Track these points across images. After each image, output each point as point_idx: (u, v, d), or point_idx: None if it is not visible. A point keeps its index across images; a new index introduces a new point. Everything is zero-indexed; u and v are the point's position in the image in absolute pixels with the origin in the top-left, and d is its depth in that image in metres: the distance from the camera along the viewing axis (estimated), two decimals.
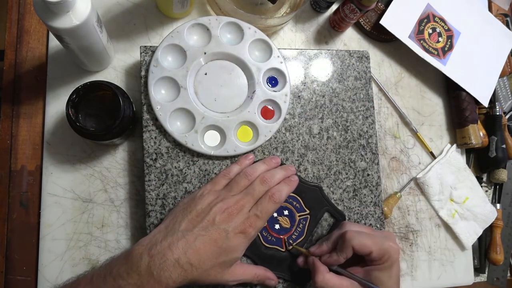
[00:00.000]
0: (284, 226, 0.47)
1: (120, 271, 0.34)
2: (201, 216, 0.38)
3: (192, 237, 0.37)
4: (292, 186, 0.44)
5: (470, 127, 0.61)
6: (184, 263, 0.35)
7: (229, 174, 0.44)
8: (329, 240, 0.44)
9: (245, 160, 0.46)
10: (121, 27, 0.51)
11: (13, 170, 0.47)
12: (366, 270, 0.41)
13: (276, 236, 0.47)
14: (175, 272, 0.35)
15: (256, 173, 0.43)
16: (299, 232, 0.48)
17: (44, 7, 0.35)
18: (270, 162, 0.46)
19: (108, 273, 0.35)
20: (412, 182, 0.61)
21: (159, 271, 0.34)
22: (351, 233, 0.41)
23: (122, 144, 0.49)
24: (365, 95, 0.54)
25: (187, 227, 0.38)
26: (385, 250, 0.40)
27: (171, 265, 0.35)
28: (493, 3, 0.72)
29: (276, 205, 0.41)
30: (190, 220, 0.38)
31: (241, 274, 0.40)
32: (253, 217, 0.39)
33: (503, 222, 0.64)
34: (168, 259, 0.35)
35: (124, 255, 0.36)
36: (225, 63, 0.48)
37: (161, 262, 0.35)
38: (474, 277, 0.63)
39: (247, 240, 0.39)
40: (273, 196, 0.40)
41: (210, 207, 0.39)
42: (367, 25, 0.60)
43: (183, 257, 0.35)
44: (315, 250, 0.44)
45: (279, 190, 0.41)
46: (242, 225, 0.38)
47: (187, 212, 0.39)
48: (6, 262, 0.45)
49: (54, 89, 0.48)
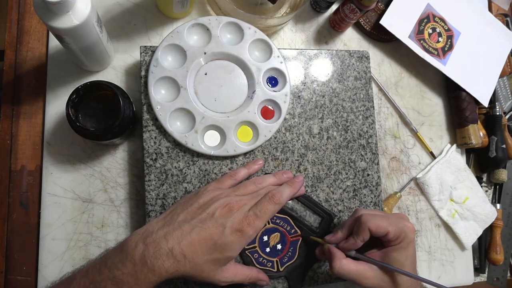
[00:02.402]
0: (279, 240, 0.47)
1: (115, 261, 0.34)
2: (202, 209, 0.38)
3: (189, 228, 0.36)
4: (295, 187, 0.43)
5: (470, 127, 0.61)
6: (177, 253, 0.35)
7: (235, 175, 0.44)
8: (344, 226, 0.43)
9: (253, 165, 0.46)
10: (121, 27, 0.51)
11: (13, 170, 0.47)
12: (383, 252, 0.41)
13: (288, 247, 0.47)
14: (168, 261, 0.34)
15: (265, 184, 0.43)
16: (284, 222, 0.47)
17: (44, 7, 0.35)
18: (280, 177, 0.46)
19: (103, 265, 0.34)
20: (412, 182, 0.61)
21: (152, 259, 0.34)
22: (367, 216, 0.41)
23: (122, 144, 0.49)
24: (365, 95, 0.54)
25: (185, 218, 0.38)
26: (401, 230, 0.40)
27: (164, 254, 0.34)
28: (493, 3, 0.72)
29: (276, 206, 0.40)
30: (189, 212, 0.38)
31: (234, 275, 0.39)
32: (252, 216, 0.38)
33: (503, 222, 0.64)
34: (162, 248, 0.34)
35: (119, 246, 0.36)
36: (225, 63, 0.48)
37: (155, 251, 0.34)
38: (474, 277, 0.63)
39: (243, 239, 0.38)
40: (273, 196, 0.40)
41: (212, 201, 0.39)
42: (367, 25, 0.60)
43: (177, 247, 0.35)
44: (330, 238, 0.44)
45: (280, 191, 0.41)
46: (240, 222, 0.38)
47: (188, 205, 0.39)
48: (6, 262, 0.45)
49: (54, 89, 0.48)
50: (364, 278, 0.40)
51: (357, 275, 0.40)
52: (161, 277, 0.34)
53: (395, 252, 0.40)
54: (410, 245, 0.41)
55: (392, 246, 0.40)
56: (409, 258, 0.41)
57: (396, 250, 0.40)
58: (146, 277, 0.34)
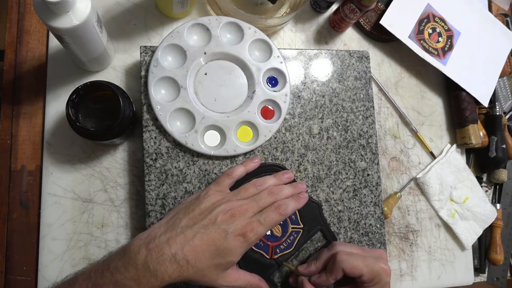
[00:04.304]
0: (275, 234, 0.47)
1: (118, 265, 0.34)
2: (204, 214, 0.38)
3: (191, 233, 0.36)
4: (300, 203, 0.43)
5: (470, 127, 0.61)
6: (180, 258, 0.35)
7: (232, 174, 0.44)
8: (319, 260, 0.44)
9: (250, 163, 0.46)
10: (121, 27, 0.51)
11: (13, 170, 0.47)
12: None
13: (265, 242, 0.47)
14: (171, 267, 0.35)
15: (266, 185, 0.43)
16: (288, 243, 0.47)
17: (44, 7, 0.35)
18: (281, 178, 0.46)
19: (106, 268, 0.35)
20: (412, 182, 0.61)
21: (155, 265, 0.34)
22: (342, 255, 0.41)
23: (122, 144, 0.49)
24: (365, 95, 0.54)
25: (188, 223, 0.38)
26: (376, 273, 0.40)
27: (167, 259, 0.35)
28: (493, 3, 0.72)
29: (280, 217, 0.40)
30: (191, 218, 0.38)
31: (235, 280, 0.39)
32: (256, 222, 0.39)
33: (503, 222, 0.64)
34: (165, 253, 0.35)
35: (122, 249, 0.36)
36: (225, 63, 0.48)
37: (158, 256, 0.34)
38: (474, 277, 0.63)
39: (246, 244, 0.38)
40: (279, 207, 0.40)
41: (214, 207, 0.39)
42: (367, 25, 0.60)
43: (180, 252, 0.35)
44: (303, 270, 0.44)
45: (286, 203, 0.41)
46: (243, 228, 0.38)
47: (190, 209, 0.39)
48: (6, 262, 0.45)
49: (54, 89, 0.48)
50: None
51: None
52: (164, 282, 0.34)
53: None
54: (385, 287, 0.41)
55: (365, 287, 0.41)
56: None
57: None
58: (149, 282, 0.34)
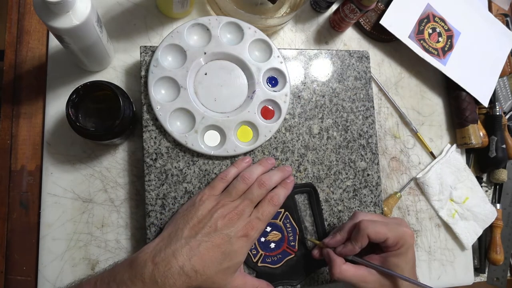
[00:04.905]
0: (277, 240, 0.47)
1: (124, 278, 0.35)
2: (203, 223, 0.39)
3: (196, 243, 0.37)
4: (289, 188, 0.45)
5: (470, 127, 0.61)
6: (188, 270, 0.35)
7: (226, 177, 0.44)
8: (343, 230, 0.44)
9: (242, 163, 0.46)
10: (121, 27, 0.51)
11: (13, 170, 0.47)
12: (383, 257, 0.41)
13: (279, 253, 0.47)
14: (180, 279, 0.35)
15: (253, 176, 0.44)
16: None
17: (44, 7, 0.35)
18: (266, 164, 0.46)
19: (112, 279, 0.35)
20: (412, 182, 0.61)
21: (163, 278, 0.34)
22: (366, 222, 0.41)
23: (122, 144, 0.49)
24: (365, 95, 0.54)
25: (190, 233, 0.38)
26: (400, 236, 0.40)
27: (176, 272, 0.35)
28: (493, 3, 0.72)
29: (275, 207, 0.42)
30: (192, 227, 0.39)
31: (243, 284, 0.40)
32: (255, 220, 0.40)
33: (503, 222, 0.64)
34: (173, 266, 0.35)
35: (128, 262, 0.36)
36: (225, 63, 0.48)
37: (166, 270, 0.35)
38: (474, 277, 0.63)
39: (249, 242, 0.40)
40: (272, 199, 0.42)
41: (211, 213, 0.40)
42: (367, 25, 0.60)
43: (187, 264, 0.35)
44: (329, 241, 0.44)
45: (277, 194, 0.43)
46: (244, 228, 0.39)
47: (188, 218, 0.40)
48: (6, 262, 0.45)
49: (54, 89, 0.48)
50: (364, 282, 0.40)
51: (357, 280, 0.40)
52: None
53: (395, 258, 0.40)
54: (409, 250, 0.41)
55: (391, 252, 0.41)
56: (408, 264, 0.41)
57: (396, 255, 0.40)
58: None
